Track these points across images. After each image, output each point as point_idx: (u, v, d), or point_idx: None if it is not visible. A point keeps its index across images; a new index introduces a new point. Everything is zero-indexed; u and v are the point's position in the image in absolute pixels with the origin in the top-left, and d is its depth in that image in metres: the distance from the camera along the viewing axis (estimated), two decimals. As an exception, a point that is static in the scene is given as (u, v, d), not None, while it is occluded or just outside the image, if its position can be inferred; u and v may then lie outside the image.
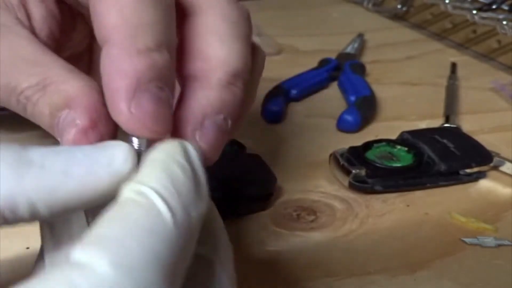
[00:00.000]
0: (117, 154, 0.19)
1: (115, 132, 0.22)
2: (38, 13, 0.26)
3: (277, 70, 0.54)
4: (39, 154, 0.18)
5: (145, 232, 0.16)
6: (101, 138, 0.21)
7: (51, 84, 0.22)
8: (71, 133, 0.21)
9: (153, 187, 0.17)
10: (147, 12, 0.21)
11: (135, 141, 0.21)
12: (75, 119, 0.21)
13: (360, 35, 0.63)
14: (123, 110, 0.20)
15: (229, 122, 0.23)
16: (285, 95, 0.48)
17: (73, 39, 0.29)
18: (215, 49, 0.23)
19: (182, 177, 0.18)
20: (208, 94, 0.22)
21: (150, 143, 0.21)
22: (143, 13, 0.21)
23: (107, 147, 0.19)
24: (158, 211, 0.16)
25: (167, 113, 0.21)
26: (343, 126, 0.44)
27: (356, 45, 0.61)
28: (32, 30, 0.25)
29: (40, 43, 0.24)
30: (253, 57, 0.26)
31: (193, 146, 0.20)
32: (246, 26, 0.25)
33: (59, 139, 0.22)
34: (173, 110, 0.22)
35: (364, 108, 0.46)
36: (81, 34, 0.30)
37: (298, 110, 0.48)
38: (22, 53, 0.23)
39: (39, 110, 0.22)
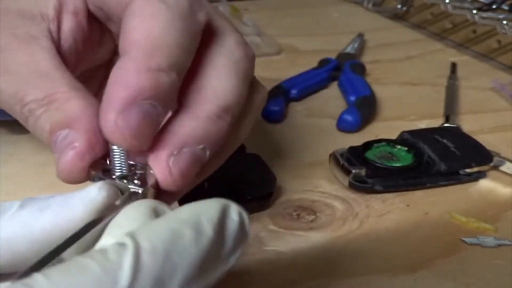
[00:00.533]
0: (91, 187, 0.20)
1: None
2: (68, 25, 0.27)
3: (277, 70, 0.54)
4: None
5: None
6: (95, 159, 0.22)
7: (55, 101, 0.23)
8: (68, 155, 0.22)
9: (142, 245, 0.16)
10: (173, 34, 0.22)
11: (115, 149, 0.22)
12: (74, 141, 0.22)
13: (360, 35, 0.63)
14: (109, 120, 0.21)
15: (207, 153, 0.23)
16: (285, 95, 0.48)
17: (98, 53, 0.30)
18: (210, 82, 0.24)
19: (189, 250, 0.16)
20: (194, 124, 0.23)
21: (130, 154, 0.23)
22: (168, 35, 0.22)
23: (84, 188, 0.20)
24: (117, 278, 0.15)
25: (150, 131, 0.22)
26: (343, 126, 0.44)
27: (356, 45, 0.60)
28: (58, 41, 0.26)
29: (58, 58, 0.25)
30: (252, 95, 0.27)
31: (240, 214, 0.19)
32: (247, 67, 0.26)
33: (56, 155, 0.23)
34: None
35: (364, 108, 0.46)
36: (106, 49, 0.31)
37: (298, 110, 0.48)
38: (38, 66, 0.24)
39: (40, 125, 0.23)
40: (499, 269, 0.30)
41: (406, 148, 0.39)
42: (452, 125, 0.44)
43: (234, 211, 0.18)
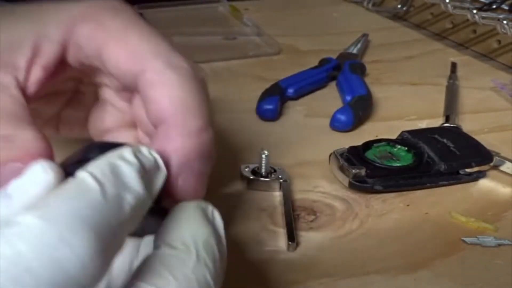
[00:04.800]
0: (37, 170, 0.21)
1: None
2: (36, 76, 0.28)
3: (277, 70, 0.54)
4: None
5: (71, 197, 0.19)
6: None
7: (12, 141, 0.25)
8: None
9: (89, 170, 0.20)
10: (194, 94, 0.26)
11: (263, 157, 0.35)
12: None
13: (365, 35, 0.63)
14: (173, 183, 0.25)
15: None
16: (281, 93, 0.48)
17: (61, 85, 0.32)
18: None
19: (125, 167, 0.21)
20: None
21: None
22: (190, 97, 0.26)
23: (29, 171, 0.21)
24: (87, 185, 0.19)
25: (204, 183, 0.26)
26: (335, 125, 0.44)
27: (359, 45, 0.60)
28: (24, 86, 0.28)
29: (24, 105, 0.27)
30: None
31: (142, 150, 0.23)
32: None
33: None
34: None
35: (358, 107, 0.45)
36: (70, 82, 0.32)
37: (297, 109, 0.48)
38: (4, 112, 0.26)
39: None
40: (499, 269, 0.30)
41: (406, 148, 0.39)
42: (452, 125, 0.44)
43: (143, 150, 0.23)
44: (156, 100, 0.26)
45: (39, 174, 0.21)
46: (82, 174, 0.20)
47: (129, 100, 0.31)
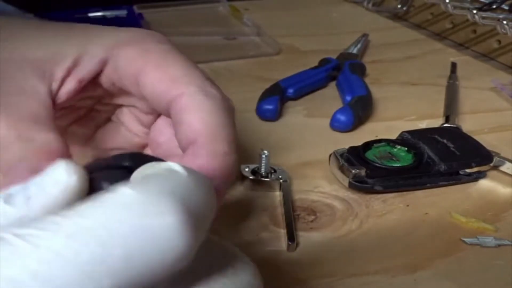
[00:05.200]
0: (59, 171, 0.21)
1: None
2: (68, 87, 0.30)
3: (277, 70, 0.54)
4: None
5: (162, 176, 0.20)
6: None
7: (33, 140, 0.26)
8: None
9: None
10: (223, 122, 0.28)
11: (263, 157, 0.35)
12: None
13: (365, 35, 0.63)
14: None
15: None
16: (281, 93, 0.48)
17: (84, 96, 0.33)
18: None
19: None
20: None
21: None
22: (219, 123, 0.27)
23: (51, 170, 0.21)
24: (175, 170, 0.20)
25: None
26: (336, 126, 0.44)
27: (359, 45, 0.60)
28: (55, 95, 0.29)
29: (51, 113, 0.28)
30: None
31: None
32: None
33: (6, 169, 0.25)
34: None
35: (358, 107, 0.46)
36: (96, 97, 0.33)
37: (297, 109, 0.48)
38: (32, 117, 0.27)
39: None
40: (499, 269, 0.30)
41: (406, 148, 0.39)
42: (452, 125, 0.44)
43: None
44: (189, 122, 0.27)
45: (61, 175, 0.21)
46: (169, 163, 0.21)
47: (147, 125, 0.33)
